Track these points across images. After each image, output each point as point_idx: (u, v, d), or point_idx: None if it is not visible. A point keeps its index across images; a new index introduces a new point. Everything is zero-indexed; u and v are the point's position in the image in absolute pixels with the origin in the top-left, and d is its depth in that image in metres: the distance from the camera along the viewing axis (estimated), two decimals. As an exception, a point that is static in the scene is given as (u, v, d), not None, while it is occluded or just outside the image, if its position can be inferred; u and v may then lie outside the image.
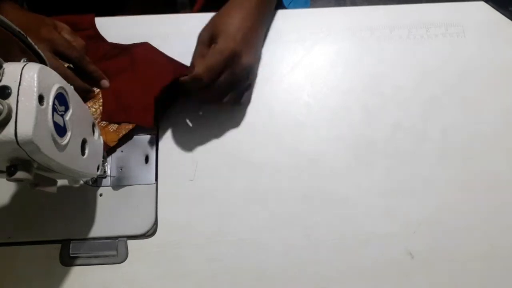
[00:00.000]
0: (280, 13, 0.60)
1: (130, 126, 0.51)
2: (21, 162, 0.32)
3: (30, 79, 0.31)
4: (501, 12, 0.59)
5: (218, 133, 0.52)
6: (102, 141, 0.48)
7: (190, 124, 0.53)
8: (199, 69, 0.47)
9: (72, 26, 0.55)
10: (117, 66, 0.54)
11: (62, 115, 0.36)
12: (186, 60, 0.52)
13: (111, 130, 0.51)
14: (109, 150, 0.50)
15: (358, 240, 0.48)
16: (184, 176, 0.50)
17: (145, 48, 0.55)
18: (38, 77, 0.32)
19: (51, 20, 0.52)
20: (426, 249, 0.48)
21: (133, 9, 0.61)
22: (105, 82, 0.51)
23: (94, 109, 0.52)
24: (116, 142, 0.50)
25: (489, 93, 0.55)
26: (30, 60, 0.34)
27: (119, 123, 0.51)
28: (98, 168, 0.45)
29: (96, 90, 0.53)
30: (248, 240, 0.48)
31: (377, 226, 0.49)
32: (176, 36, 0.56)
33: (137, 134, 0.52)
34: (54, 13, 0.57)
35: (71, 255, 0.46)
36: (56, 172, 0.37)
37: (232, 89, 0.50)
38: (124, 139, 0.51)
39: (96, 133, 0.45)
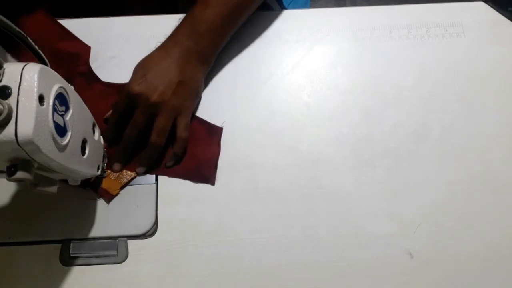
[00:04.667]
0: (280, 13, 0.60)
1: (132, 174, 0.50)
2: (21, 162, 0.32)
3: (30, 79, 0.31)
4: (500, 12, 0.59)
5: (218, 133, 0.52)
6: (102, 141, 0.48)
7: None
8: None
9: (66, 59, 0.54)
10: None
11: (62, 115, 0.36)
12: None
13: (112, 178, 0.49)
14: (111, 198, 0.49)
15: (358, 240, 0.48)
16: (184, 176, 0.50)
17: None
18: (39, 77, 0.32)
19: None
20: (426, 249, 0.48)
21: (133, 9, 0.61)
22: None
23: None
24: (119, 191, 0.49)
25: (489, 93, 0.55)
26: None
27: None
28: (98, 168, 0.45)
29: None
30: (248, 240, 0.48)
31: (377, 226, 0.49)
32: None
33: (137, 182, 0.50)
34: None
35: (71, 255, 0.46)
36: (56, 172, 0.37)
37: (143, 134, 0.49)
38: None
39: (96, 133, 0.45)
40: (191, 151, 0.51)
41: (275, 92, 0.55)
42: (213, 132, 0.52)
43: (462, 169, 0.51)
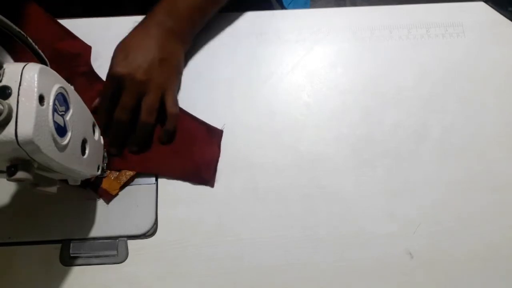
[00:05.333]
0: (280, 13, 0.60)
1: (131, 173, 0.49)
2: (21, 162, 0.32)
3: (30, 79, 0.31)
4: (500, 13, 0.59)
5: (218, 133, 0.52)
6: (102, 141, 0.48)
7: (190, 124, 0.53)
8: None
9: (67, 59, 0.54)
10: None
11: (62, 115, 0.36)
12: (187, 60, 0.52)
13: (112, 178, 0.49)
14: (110, 198, 0.49)
15: (358, 240, 0.48)
16: (184, 176, 0.50)
17: None
18: (39, 77, 0.32)
19: None
20: (426, 249, 0.48)
21: (133, 9, 0.60)
22: None
23: None
24: (118, 191, 0.49)
25: (489, 93, 0.55)
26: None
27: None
28: (98, 168, 0.45)
29: None
30: (248, 240, 0.48)
31: (377, 226, 0.49)
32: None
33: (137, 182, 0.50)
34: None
35: (71, 255, 0.46)
36: (56, 172, 0.37)
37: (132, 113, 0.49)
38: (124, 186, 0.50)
39: (96, 133, 0.45)
40: (191, 153, 0.51)
41: (275, 92, 0.55)
42: (213, 134, 0.52)
43: (462, 169, 0.51)
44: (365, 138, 0.52)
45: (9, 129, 0.30)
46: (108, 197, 0.48)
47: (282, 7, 0.78)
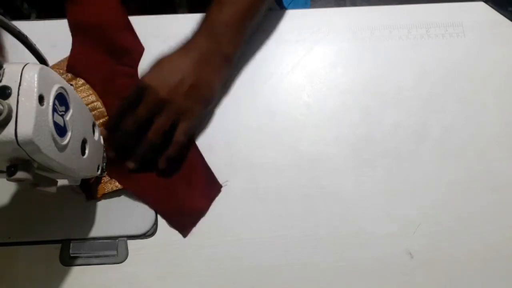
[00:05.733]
0: (280, 13, 0.60)
1: (120, 187, 0.48)
2: (21, 162, 0.32)
3: (30, 80, 0.31)
4: (500, 13, 0.59)
5: (217, 133, 0.52)
6: (102, 141, 0.48)
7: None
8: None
9: (118, 51, 0.54)
10: None
11: (62, 115, 0.36)
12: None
13: (102, 182, 0.48)
14: (94, 198, 0.48)
15: (358, 240, 0.48)
16: (184, 176, 0.50)
17: None
18: (38, 77, 0.32)
19: None
20: (426, 249, 0.48)
21: (133, 9, 0.60)
22: None
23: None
24: (100, 196, 0.48)
25: (489, 93, 0.55)
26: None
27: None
28: (98, 168, 0.45)
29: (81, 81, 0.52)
30: (248, 240, 0.48)
31: (377, 226, 0.49)
32: (175, 37, 0.56)
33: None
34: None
35: (71, 255, 0.46)
36: (56, 172, 0.37)
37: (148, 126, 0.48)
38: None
39: (96, 133, 0.45)
40: (182, 197, 0.49)
41: (275, 92, 0.55)
42: (211, 189, 0.49)
43: (462, 169, 0.51)
44: (365, 138, 0.52)
45: (9, 129, 0.30)
46: (90, 197, 0.48)
47: (282, 7, 0.78)
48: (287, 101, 0.54)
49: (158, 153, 0.49)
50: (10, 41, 0.53)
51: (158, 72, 0.48)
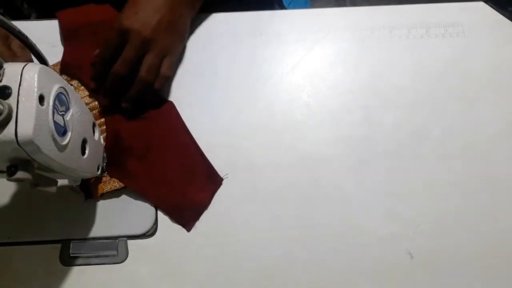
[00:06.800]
0: (280, 13, 0.60)
1: (118, 186, 0.48)
2: (21, 162, 0.32)
3: (30, 79, 0.31)
4: (500, 13, 0.59)
5: (217, 133, 0.52)
6: (102, 141, 0.48)
7: (190, 124, 0.52)
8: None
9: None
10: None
11: (62, 115, 0.36)
12: (187, 60, 0.52)
13: (101, 182, 0.48)
14: (93, 197, 0.48)
15: (358, 240, 0.48)
16: (184, 176, 0.50)
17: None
18: (39, 77, 0.32)
19: (2, 31, 0.49)
20: (426, 249, 0.48)
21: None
22: None
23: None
24: (100, 196, 0.48)
25: (489, 93, 0.55)
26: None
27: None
28: (98, 168, 0.45)
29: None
30: (248, 240, 0.48)
31: (377, 226, 0.49)
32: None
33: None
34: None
35: (71, 255, 0.46)
36: (56, 172, 0.37)
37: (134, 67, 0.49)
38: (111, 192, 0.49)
39: (97, 133, 0.45)
40: (183, 191, 0.49)
41: (275, 92, 0.55)
42: (212, 181, 0.50)
43: (462, 169, 0.51)
44: (365, 138, 0.52)
45: (9, 129, 0.30)
46: (94, 197, 0.48)
47: (282, 7, 0.78)
48: (287, 101, 0.54)
49: (150, 90, 0.51)
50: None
51: (136, 12, 0.49)
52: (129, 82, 0.50)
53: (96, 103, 0.52)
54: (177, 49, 0.53)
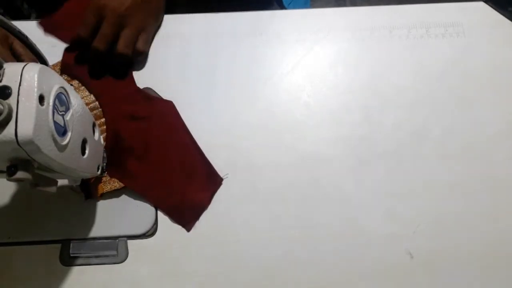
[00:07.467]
0: (280, 13, 0.60)
1: (118, 186, 0.48)
2: (21, 162, 0.32)
3: (30, 79, 0.31)
4: (500, 12, 0.59)
5: (217, 133, 0.52)
6: (102, 141, 0.48)
7: (190, 124, 0.52)
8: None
9: None
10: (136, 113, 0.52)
11: (62, 115, 0.36)
12: (187, 60, 0.52)
13: (101, 182, 0.48)
14: (93, 197, 0.48)
15: (358, 240, 0.48)
16: (184, 176, 0.50)
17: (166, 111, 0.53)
18: (39, 77, 0.32)
19: (2, 31, 0.49)
20: (426, 249, 0.48)
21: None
22: None
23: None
24: (99, 196, 0.48)
25: (489, 93, 0.55)
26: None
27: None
28: (98, 168, 0.45)
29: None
30: (248, 240, 0.48)
31: (376, 226, 0.49)
32: (174, 37, 0.57)
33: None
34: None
35: (71, 255, 0.46)
36: (56, 172, 0.37)
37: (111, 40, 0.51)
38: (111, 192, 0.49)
39: (97, 133, 0.45)
40: (183, 191, 0.49)
41: (275, 92, 0.55)
42: (212, 181, 0.50)
43: (462, 169, 0.51)
44: (365, 138, 0.52)
45: (9, 129, 0.30)
46: (94, 196, 0.48)
47: (282, 7, 0.78)
48: (287, 101, 0.54)
49: (126, 64, 0.53)
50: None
51: None
52: (109, 57, 0.52)
53: (97, 103, 0.52)
54: (152, 26, 0.55)
